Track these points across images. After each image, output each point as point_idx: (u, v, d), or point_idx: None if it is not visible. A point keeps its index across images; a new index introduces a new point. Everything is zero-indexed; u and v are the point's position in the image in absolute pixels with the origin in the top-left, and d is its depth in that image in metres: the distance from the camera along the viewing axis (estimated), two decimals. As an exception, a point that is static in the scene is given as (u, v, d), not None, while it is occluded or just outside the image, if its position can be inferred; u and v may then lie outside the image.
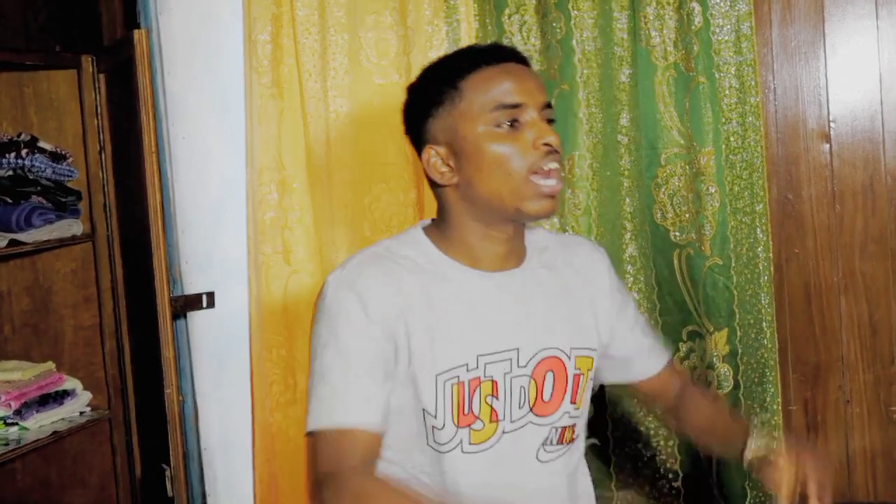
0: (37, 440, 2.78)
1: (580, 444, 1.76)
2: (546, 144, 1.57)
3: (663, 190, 2.52)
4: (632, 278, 2.53)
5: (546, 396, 1.66)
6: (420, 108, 1.65)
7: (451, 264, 1.63)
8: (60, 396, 2.94)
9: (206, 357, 2.71)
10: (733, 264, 2.48)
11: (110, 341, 3.05)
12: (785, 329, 2.65)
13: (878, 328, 2.65)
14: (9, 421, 2.82)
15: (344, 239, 2.63)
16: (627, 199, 2.53)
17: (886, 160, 2.62)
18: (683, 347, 2.56)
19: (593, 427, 2.53)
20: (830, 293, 2.67)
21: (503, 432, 1.63)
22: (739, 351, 2.49)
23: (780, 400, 2.52)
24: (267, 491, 2.67)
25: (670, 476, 2.58)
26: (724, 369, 2.50)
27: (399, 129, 2.55)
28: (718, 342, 2.49)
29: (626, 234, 2.53)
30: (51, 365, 2.97)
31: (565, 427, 1.69)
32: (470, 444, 1.60)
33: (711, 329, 2.50)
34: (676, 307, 2.53)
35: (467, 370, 1.59)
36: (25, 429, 2.84)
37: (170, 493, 2.66)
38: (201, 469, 2.73)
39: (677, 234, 2.52)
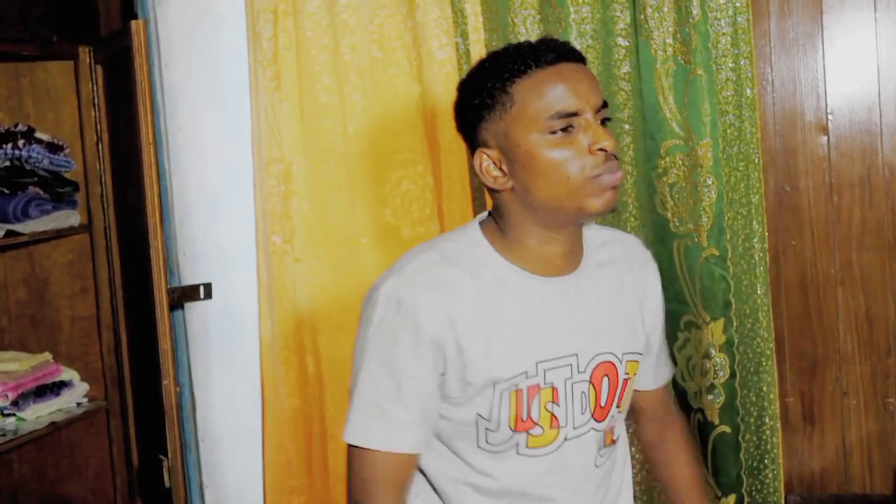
0: (34, 431, 2.79)
1: (622, 440, 1.74)
2: (602, 150, 1.51)
3: (664, 180, 2.52)
4: None
5: (603, 402, 1.63)
6: (471, 109, 1.59)
7: (509, 268, 1.58)
8: (57, 387, 2.95)
9: (204, 348, 2.72)
10: (730, 255, 2.49)
11: (107, 332, 3.05)
12: (782, 321, 2.65)
13: (875, 320, 2.66)
14: (6, 412, 2.82)
15: (367, 225, 2.65)
16: (630, 190, 2.53)
17: (884, 152, 2.62)
18: (680, 337, 2.56)
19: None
20: (827, 285, 2.67)
21: (565, 439, 1.59)
22: (736, 341, 2.50)
23: (776, 391, 2.52)
24: (279, 475, 2.67)
25: None
26: (720, 359, 2.51)
27: (412, 118, 2.60)
28: (715, 332, 2.50)
29: (629, 225, 2.53)
30: (48, 356, 2.97)
31: (608, 431, 1.66)
32: (527, 447, 1.57)
33: (708, 319, 2.50)
34: (675, 297, 2.54)
35: (526, 377, 1.55)
36: (22, 419, 2.84)
37: (167, 484, 2.66)
38: (199, 460, 2.73)
39: (677, 223, 2.52)
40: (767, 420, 2.51)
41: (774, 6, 2.63)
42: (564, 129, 1.51)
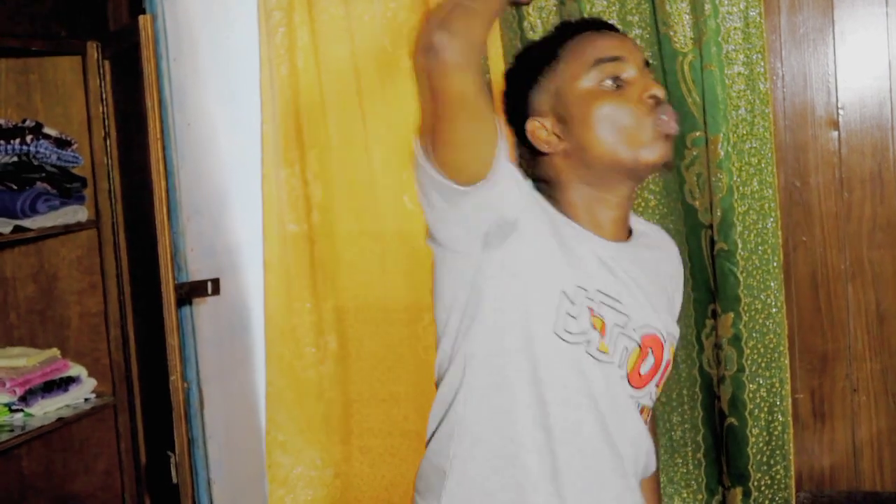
0: (42, 427, 2.78)
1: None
2: (652, 97, 1.55)
3: (691, 170, 2.53)
4: None
5: (643, 370, 1.62)
6: (519, 87, 1.64)
7: (572, 226, 1.59)
8: (65, 383, 2.94)
9: (211, 344, 2.71)
10: (739, 250, 2.47)
11: (115, 328, 3.05)
12: (792, 317, 2.64)
13: (886, 317, 2.64)
14: (14, 407, 2.82)
15: (387, 210, 2.69)
16: (658, 178, 2.55)
17: (895, 148, 2.61)
18: (708, 325, 2.56)
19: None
20: (838, 281, 2.65)
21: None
22: (744, 336, 2.49)
23: (789, 387, 2.51)
24: (279, 472, 2.68)
25: (691, 447, 2.60)
26: (729, 352, 2.50)
27: None
28: (725, 324, 2.50)
29: (657, 213, 2.54)
30: (56, 351, 2.97)
31: (644, 407, 1.64)
32: (598, 349, 1.55)
33: (720, 311, 2.50)
34: (704, 285, 2.54)
35: (587, 296, 1.54)
36: (30, 415, 2.84)
37: (175, 480, 2.66)
38: (206, 456, 2.73)
39: (703, 214, 2.53)
40: (779, 416, 2.50)
41: (785, 1, 2.62)
42: (615, 83, 1.56)
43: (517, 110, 1.64)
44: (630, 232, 1.68)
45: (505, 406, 1.54)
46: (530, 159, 1.64)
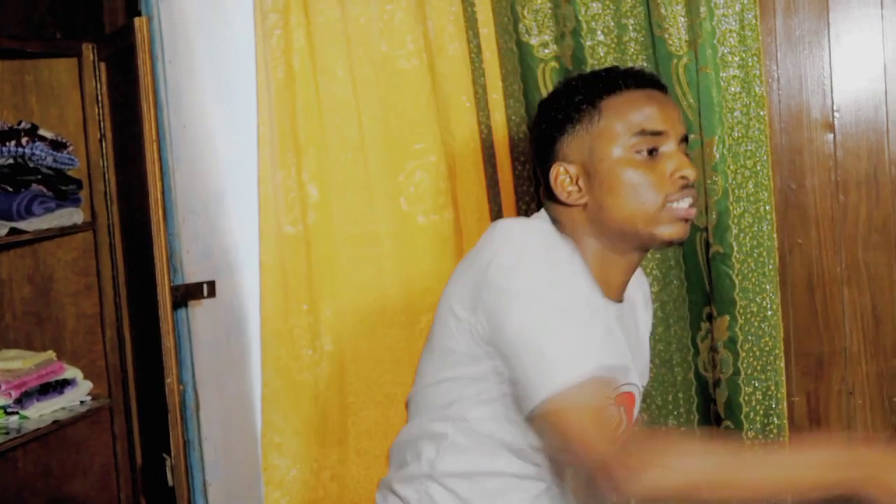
0: (37, 429, 2.78)
1: None
2: (683, 178, 1.53)
3: None
4: (660, 255, 2.58)
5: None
6: (553, 124, 1.60)
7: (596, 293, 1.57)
8: (61, 385, 2.94)
9: (207, 346, 2.71)
10: (735, 252, 2.48)
11: (111, 330, 3.04)
12: (788, 320, 2.64)
13: (882, 319, 2.64)
14: (9, 410, 2.81)
15: (384, 212, 2.69)
16: None
17: (890, 150, 2.61)
18: (703, 327, 2.56)
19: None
20: (833, 284, 2.66)
21: None
22: (740, 338, 2.49)
23: (784, 391, 2.51)
24: (275, 473, 2.68)
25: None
26: (724, 355, 2.51)
27: (424, 110, 2.62)
28: (720, 327, 2.50)
29: None
30: (51, 354, 2.96)
31: None
32: None
33: (716, 314, 2.50)
34: (700, 287, 2.54)
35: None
36: (26, 417, 2.83)
37: (170, 483, 2.66)
38: (202, 458, 2.72)
39: (699, 216, 2.52)
40: (775, 420, 2.50)
41: (780, 3, 2.62)
42: (650, 153, 1.53)
43: (545, 149, 1.62)
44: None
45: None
46: (549, 204, 1.62)
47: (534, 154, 1.66)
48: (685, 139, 1.58)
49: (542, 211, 1.65)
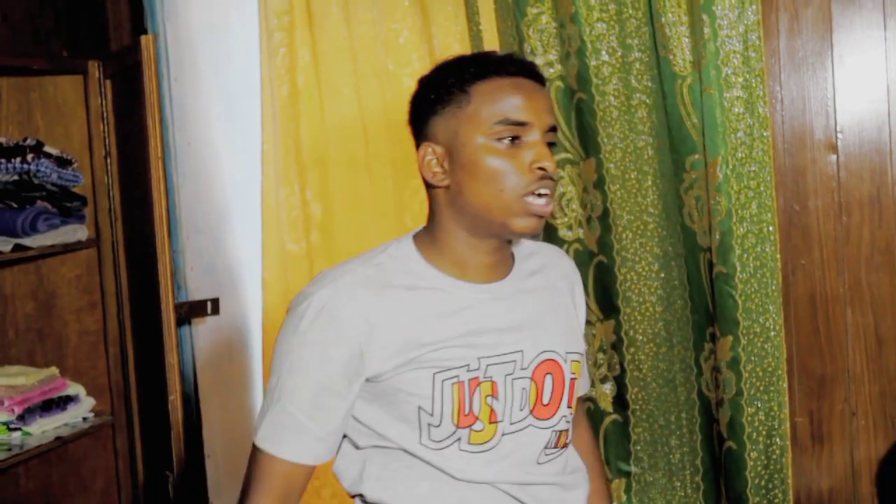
0: (40, 445, 2.78)
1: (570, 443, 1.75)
2: (541, 169, 1.55)
3: (690, 194, 2.53)
4: (664, 274, 2.59)
5: (545, 399, 1.65)
6: (426, 102, 1.63)
7: (442, 278, 1.62)
8: (64, 402, 2.94)
9: (210, 362, 2.71)
10: (738, 273, 2.48)
11: (114, 347, 3.05)
12: (791, 340, 2.64)
13: (884, 340, 2.64)
14: (12, 426, 2.81)
15: (388, 229, 2.71)
16: (656, 202, 2.55)
17: (893, 171, 2.61)
18: (707, 347, 2.56)
19: (614, 404, 2.66)
20: (836, 304, 2.66)
21: (503, 434, 1.61)
22: (743, 358, 2.49)
23: (787, 411, 2.51)
24: None
25: (689, 470, 2.60)
26: (728, 375, 2.50)
27: None
28: (724, 348, 2.50)
29: (656, 236, 2.56)
30: (55, 370, 2.97)
31: (562, 431, 1.68)
32: (469, 443, 1.59)
33: (719, 334, 2.51)
34: (703, 308, 2.55)
35: (468, 370, 1.57)
36: (28, 434, 2.83)
37: (172, 499, 2.66)
38: (204, 475, 2.72)
39: (702, 237, 2.53)
40: (777, 440, 2.50)
41: (784, 24, 2.63)
42: (512, 141, 1.55)
43: (417, 128, 1.65)
44: (512, 263, 1.69)
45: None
46: (424, 181, 1.65)
47: (411, 131, 1.69)
48: (552, 129, 1.59)
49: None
